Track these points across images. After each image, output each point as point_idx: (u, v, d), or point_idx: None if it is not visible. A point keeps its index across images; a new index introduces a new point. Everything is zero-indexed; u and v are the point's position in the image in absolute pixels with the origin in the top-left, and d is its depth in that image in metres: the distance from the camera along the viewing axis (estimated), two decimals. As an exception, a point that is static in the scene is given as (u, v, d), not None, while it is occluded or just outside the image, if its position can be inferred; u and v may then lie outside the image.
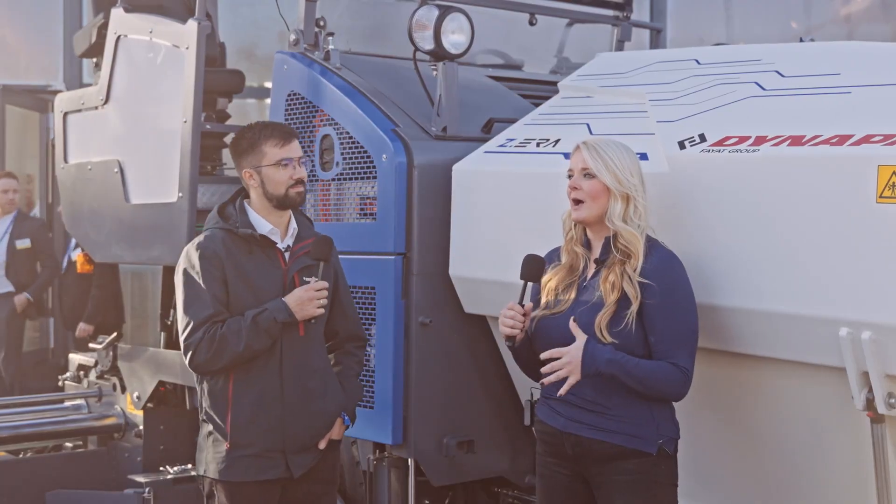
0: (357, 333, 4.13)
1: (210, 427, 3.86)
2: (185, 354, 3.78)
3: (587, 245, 3.61)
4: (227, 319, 3.76)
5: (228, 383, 3.81)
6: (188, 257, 3.83)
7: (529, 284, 3.62)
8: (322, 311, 3.82)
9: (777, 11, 10.02)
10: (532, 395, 3.74)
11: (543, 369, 3.45)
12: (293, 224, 3.94)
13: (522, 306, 3.57)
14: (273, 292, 3.82)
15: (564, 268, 3.60)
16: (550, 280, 3.61)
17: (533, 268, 3.64)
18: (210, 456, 3.86)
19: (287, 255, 3.89)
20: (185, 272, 3.82)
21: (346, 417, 4.00)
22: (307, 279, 3.83)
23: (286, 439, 3.84)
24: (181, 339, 3.80)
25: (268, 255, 3.87)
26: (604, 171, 3.49)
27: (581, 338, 3.41)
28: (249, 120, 4.12)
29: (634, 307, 3.40)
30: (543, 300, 3.62)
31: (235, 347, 3.72)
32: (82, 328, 7.55)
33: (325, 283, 3.82)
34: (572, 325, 3.44)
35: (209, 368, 3.79)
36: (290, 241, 3.92)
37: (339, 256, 4.13)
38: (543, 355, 3.47)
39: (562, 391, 3.42)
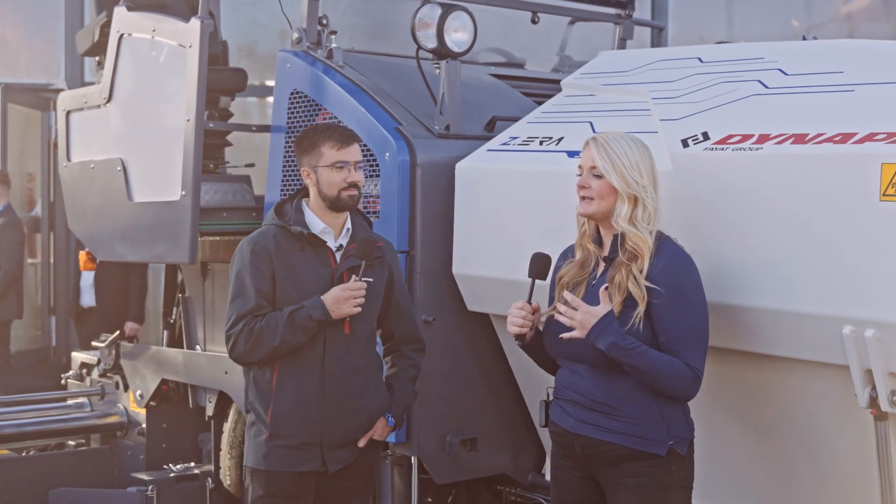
0: (413, 336, 4.17)
1: (253, 417, 3.96)
2: (227, 344, 3.90)
3: (599, 242, 3.58)
4: (268, 314, 3.84)
5: (273, 375, 3.90)
6: (241, 251, 3.95)
7: (537, 282, 3.61)
8: (358, 309, 3.85)
9: (778, 9, 10.02)
10: (548, 394, 3.72)
11: (560, 307, 3.43)
12: (348, 224, 4.00)
13: (530, 304, 3.58)
14: (320, 290, 3.88)
15: (577, 264, 3.58)
16: (563, 276, 3.60)
17: (540, 265, 3.64)
18: (250, 445, 3.97)
19: (338, 254, 3.95)
20: (236, 265, 3.94)
21: (391, 419, 4.03)
22: (355, 265, 3.88)
23: (324, 434, 3.90)
24: (225, 328, 3.92)
25: (318, 254, 3.93)
26: (611, 171, 3.45)
27: (606, 305, 3.38)
28: (251, 118, 4.13)
29: (641, 308, 3.37)
30: (556, 296, 3.59)
31: (271, 342, 3.81)
32: (131, 327, 7.62)
33: (363, 284, 3.85)
34: (602, 293, 3.40)
35: (247, 360, 3.91)
36: (343, 240, 3.97)
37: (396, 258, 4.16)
38: (566, 294, 3.43)
39: (564, 335, 3.43)
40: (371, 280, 3.92)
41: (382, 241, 4.08)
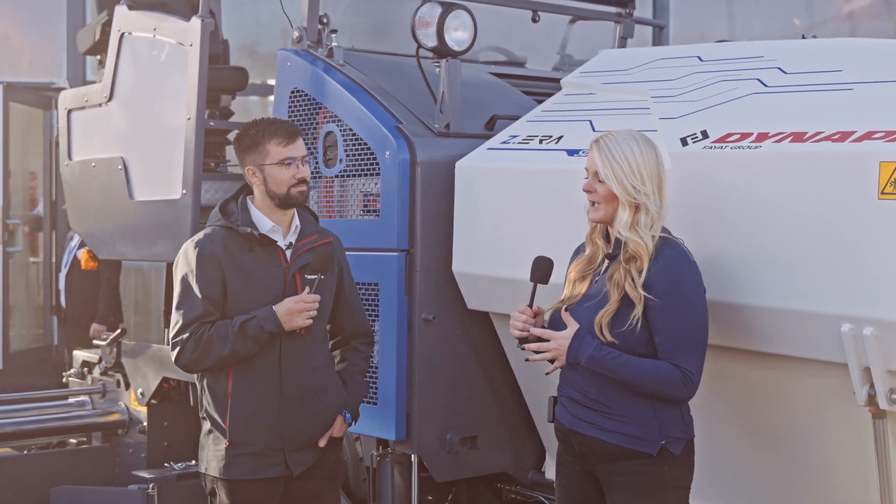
0: (363, 330, 4.13)
1: (209, 425, 3.87)
2: (172, 351, 3.79)
3: (608, 238, 3.55)
4: (217, 322, 3.76)
5: (228, 381, 3.81)
6: (186, 254, 3.83)
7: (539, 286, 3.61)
8: (310, 322, 3.80)
9: (779, 8, 10.02)
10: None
11: (530, 346, 3.47)
12: (296, 221, 3.93)
13: (531, 308, 3.57)
14: (274, 290, 3.81)
15: (585, 259, 3.56)
16: (572, 270, 3.60)
17: (542, 270, 3.64)
18: (210, 454, 3.87)
19: (288, 252, 3.87)
20: (181, 269, 3.83)
21: (348, 415, 3.99)
22: (311, 277, 3.83)
23: (285, 438, 3.84)
24: (170, 335, 3.81)
25: (268, 253, 3.85)
26: (612, 178, 3.42)
27: (572, 326, 3.41)
28: (253, 117, 4.12)
29: (639, 309, 3.36)
30: (565, 291, 3.59)
31: (221, 351, 3.73)
32: (96, 328, 7.58)
33: (316, 297, 3.80)
34: (564, 315, 3.44)
35: (194, 368, 3.83)
36: (292, 238, 3.90)
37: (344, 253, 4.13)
38: (534, 331, 3.48)
39: (548, 370, 3.50)
40: (322, 276, 3.84)
41: (332, 236, 4.00)
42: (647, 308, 3.37)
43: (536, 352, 3.48)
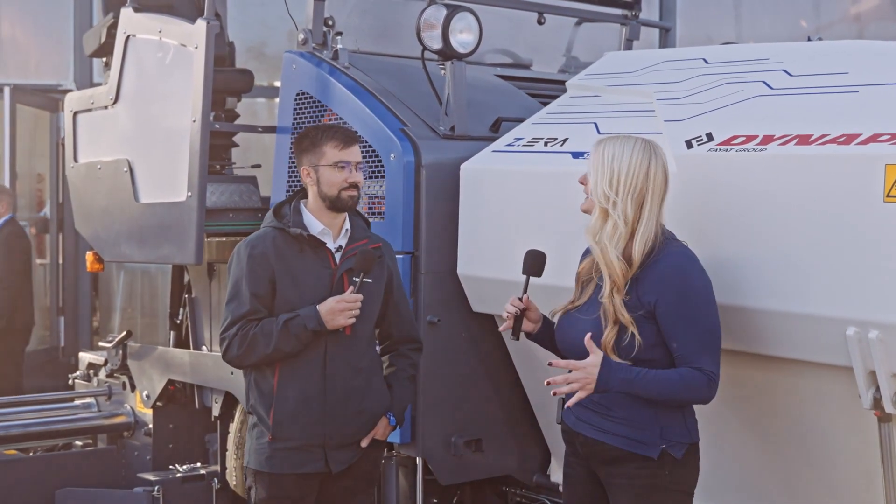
0: (412, 336, 4.17)
1: (255, 419, 3.97)
2: (220, 346, 3.92)
3: None
4: (263, 319, 3.85)
5: (274, 377, 3.90)
6: (238, 254, 3.95)
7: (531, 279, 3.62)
8: (353, 321, 3.86)
9: (786, 10, 10.01)
10: None
11: (556, 378, 3.33)
12: (346, 225, 4.00)
13: (521, 300, 3.59)
14: (320, 291, 3.88)
15: (591, 259, 3.52)
16: (581, 270, 3.58)
17: (535, 262, 3.65)
18: (253, 447, 3.97)
19: (338, 255, 3.94)
20: (233, 268, 3.94)
21: (392, 418, 4.03)
22: (355, 278, 3.88)
23: (326, 435, 3.90)
24: (219, 331, 3.93)
25: (318, 255, 3.93)
26: (591, 177, 3.43)
27: (596, 354, 3.28)
28: (259, 119, 4.14)
29: (633, 329, 3.32)
30: (574, 291, 3.57)
31: (265, 349, 3.83)
32: None
33: (359, 296, 3.85)
34: (587, 342, 3.31)
35: (240, 364, 3.93)
36: (342, 241, 3.97)
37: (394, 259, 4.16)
38: (559, 364, 3.37)
39: (570, 403, 3.36)
40: (370, 280, 3.92)
41: (381, 241, 4.08)
42: (655, 315, 3.35)
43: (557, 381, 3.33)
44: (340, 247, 3.97)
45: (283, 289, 3.88)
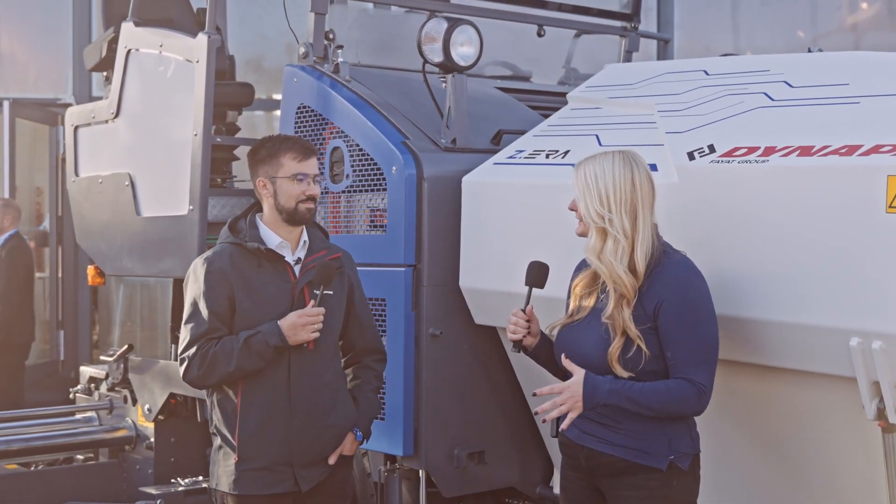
0: (375, 347, 4.11)
1: (219, 441, 3.87)
2: (180, 367, 3.81)
3: None
4: (223, 338, 3.77)
5: (237, 396, 3.81)
6: (195, 271, 3.86)
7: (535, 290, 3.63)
8: (316, 335, 3.79)
9: (783, 20, 10.03)
10: None
11: (544, 406, 3.37)
12: (304, 237, 3.93)
13: (524, 312, 3.59)
14: (281, 305, 3.81)
15: (589, 274, 3.53)
16: (577, 285, 3.57)
17: (537, 274, 3.65)
18: (220, 469, 3.87)
19: (297, 268, 3.88)
20: (190, 286, 3.86)
21: (359, 433, 3.98)
22: (316, 291, 3.83)
23: (293, 453, 3.83)
24: (178, 351, 3.83)
25: (276, 269, 3.85)
26: (580, 201, 3.44)
27: (578, 373, 3.34)
28: (258, 132, 4.14)
29: (641, 342, 3.33)
30: (571, 305, 3.57)
31: (226, 367, 3.74)
32: None
33: (321, 310, 3.79)
34: (565, 362, 3.39)
35: (201, 384, 3.83)
36: (301, 253, 3.90)
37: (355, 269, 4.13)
38: (543, 392, 3.42)
39: (563, 426, 3.38)
40: (331, 292, 3.85)
41: (341, 251, 4.00)
42: (657, 320, 3.35)
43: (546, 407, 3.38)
44: (299, 259, 3.89)
45: (243, 305, 3.79)
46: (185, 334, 3.80)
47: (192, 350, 3.76)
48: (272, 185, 3.85)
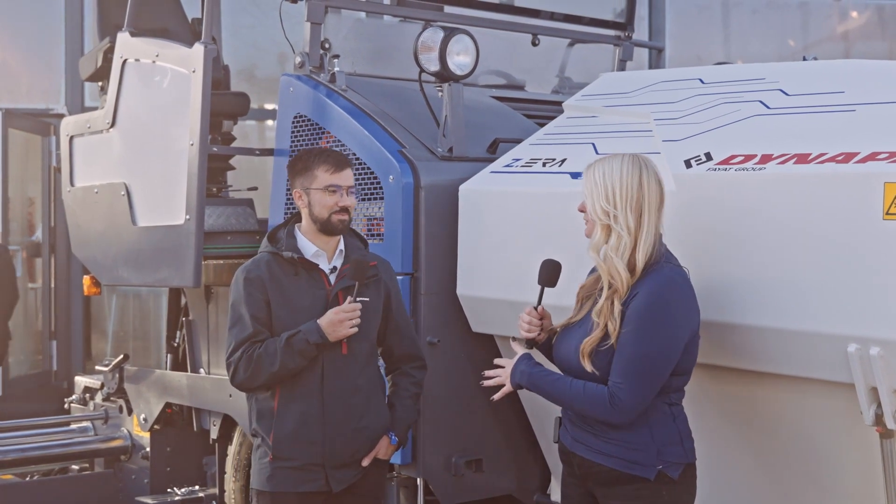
0: (414, 353, 4.18)
1: (258, 441, 4.00)
2: (228, 372, 3.95)
3: None
4: (266, 340, 3.88)
5: (274, 399, 3.93)
6: (236, 280, 4.00)
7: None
8: (355, 330, 3.88)
9: (774, 29, 10.09)
10: None
11: (488, 373, 3.71)
12: (340, 245, 4.02)
13: (537, 310, 3.63)
14: (316, 313, 3.90)
15: (594, 278, 3.55)
16: (581, 288, 3.60)
17: (550, 273, 3.67)
18: (256, 468, 4.01)
19: (332, 276, 3.97)
20: (232, 295, 3.99)
21: (394, 437, 4.04)
22: (350, 286, 3.91)
23: (326, 454, 3.92)
24: (225, 357, 3.96)
25: (312, 277, 3.96)
26: (587, 198, 3.48)
27: (519, 354, 3.59)
28: (251, 142, 4.17)
29: (612, 339, 3.34)
30: (574, 309, 3.59)
31: (270, 367, 3.85)
32: None
33: (357, 305, 3.88)
34: (512, 343, 3.63)
35: (249, 386, 3.95)
36: (337, 262, 4.00)
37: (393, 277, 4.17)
38: (497, 361, 3.74)
39: (495, 396, 3.71)
40: (367, 299, 3.94)
41: (377, 259, 4.10)
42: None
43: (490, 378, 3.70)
44: (335, 268, 3.99)
45: (278, 311, 3.92)
46: (229, 340, 3.95)
47: (238, 354, 3.91)
48: (307, 197, 3.97)
